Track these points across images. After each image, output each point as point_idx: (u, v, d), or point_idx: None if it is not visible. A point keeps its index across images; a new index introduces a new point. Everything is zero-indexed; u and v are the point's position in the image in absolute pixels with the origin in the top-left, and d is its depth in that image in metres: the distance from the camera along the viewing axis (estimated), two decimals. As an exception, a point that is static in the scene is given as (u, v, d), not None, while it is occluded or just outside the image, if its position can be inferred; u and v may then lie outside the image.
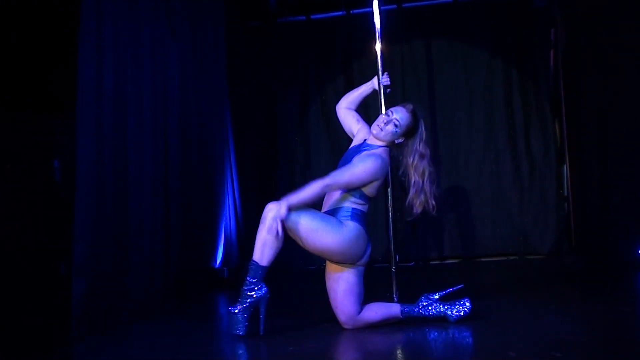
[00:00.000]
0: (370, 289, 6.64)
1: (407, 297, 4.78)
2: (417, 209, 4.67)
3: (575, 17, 7.58)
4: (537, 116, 8.38)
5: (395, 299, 4.83)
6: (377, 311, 4.54)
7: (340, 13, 8.81)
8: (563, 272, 6.96)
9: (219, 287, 7.20)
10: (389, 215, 4.95)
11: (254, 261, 4.30)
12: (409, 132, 4.65)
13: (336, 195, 4.62)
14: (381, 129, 4.63)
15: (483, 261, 8.20)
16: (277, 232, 4.31)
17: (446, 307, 4.50)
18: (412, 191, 4.67)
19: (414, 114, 4.65)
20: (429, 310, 4.51)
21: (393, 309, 4.56)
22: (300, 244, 4.46)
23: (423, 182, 4.63)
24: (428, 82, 8.61)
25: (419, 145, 4.64)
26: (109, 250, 5.34)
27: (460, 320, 4.46)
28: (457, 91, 8.52)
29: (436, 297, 4.56)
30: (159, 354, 4.25)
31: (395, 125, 4.59)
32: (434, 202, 4.64)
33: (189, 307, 6.06)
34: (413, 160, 4.64)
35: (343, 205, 4.56)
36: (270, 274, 4.32)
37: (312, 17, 8.88)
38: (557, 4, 7.99)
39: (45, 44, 6.23)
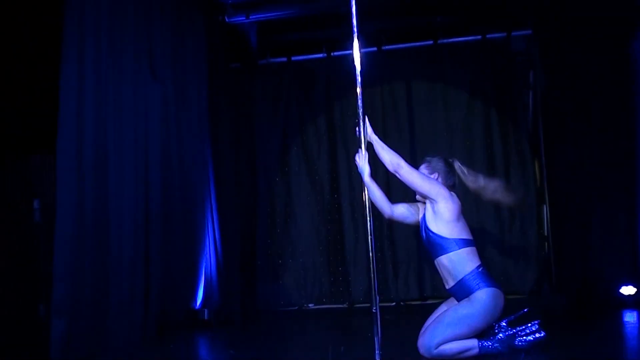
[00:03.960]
0: (351, 329, 6.63)
1: (389, 338, 4.75)
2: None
3: (553, 60, 7.67)
4: (516, 156, 8.42)
5: (376, 340, 4.79)
6: (453, 345, 4.48)
7: (321, 55, 8.87)
8: (544, 311, 6.96)
9: (200, 328, 7.14)
10: (370, 255, 4.92)
11: None
12: (437, 168, 4.99)
13: (445, 268, 4.63)
14: None
15: (464, 301, 8.17)
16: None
17: (521, 341, 4.49)
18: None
19: (432, 157, 5.15)
20: (506, 342, 4.49)
21: (469, 342, 4.50)
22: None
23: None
24: (408, 123, 8.65)
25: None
26: (88, 291, 5.31)
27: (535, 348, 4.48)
28: (437, 131, 8.56)
29: (512, 333, 4.53)
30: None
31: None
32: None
33: (169, 348, 6.00)
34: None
35: (463, 276, 4.54)
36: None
37: (293, 58, 8.93)
38: (536, 47, 8.08)
39: (26, 83, 6.23)
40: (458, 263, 4.52)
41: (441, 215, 4.58)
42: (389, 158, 4.71)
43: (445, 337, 4.45)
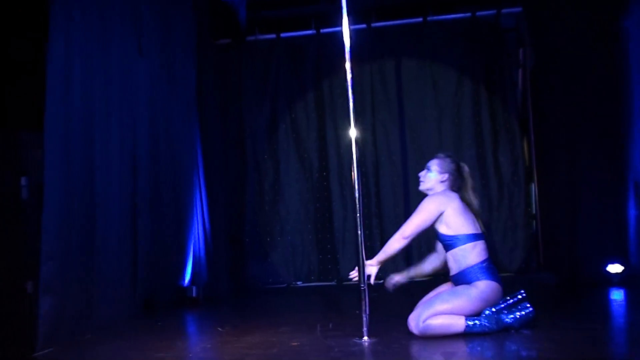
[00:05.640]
0: (339, 306, 6.64)
1: (377, 315, 4.76)
2: None
3: (543, 38, 7.67)
4: (505, 135, 8.43)
5: (365, 317, 4.80)
6: (439, 318, 4.59)
7: (310, 32, 8.85)
8: (532, 289, 6.99)
9: (187, 305, 7.16)
10: (358, 232, 4.93)
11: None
12: (448, 169, 4.97)
13: (451, 260, 4.81)
14: (421, 181, 5.04)
15: (452, 279, 8.21)
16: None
17: (510, 318, 4.58)
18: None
19: (446, 157, 5.05)
20: (493, 321, 4.56)
21: (456, 317, 4.59)
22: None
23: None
24: (397, 101, 8.64)
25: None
26: (76, 269, 5.30)
27: (525, 325, 4.57)
28: (426, 109, 8.56)
29: (497, 309, 4.62)
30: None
31: (428, 169, 5.00)
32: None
33: (156, 325, 6.01)
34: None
35: (465, 267, 4.71)
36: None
37: (282, 35, 8.90)
38: (525, 25, 8.07)
39: (13, 58, 6.18)
40: (462, 257, 4.71)
41: (442, 218, 4.80)
42: (397, 245, 4.86)
43: (435, 311, 4.55)
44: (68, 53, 5.30)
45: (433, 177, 4.98)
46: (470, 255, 4.69)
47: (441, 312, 4.55)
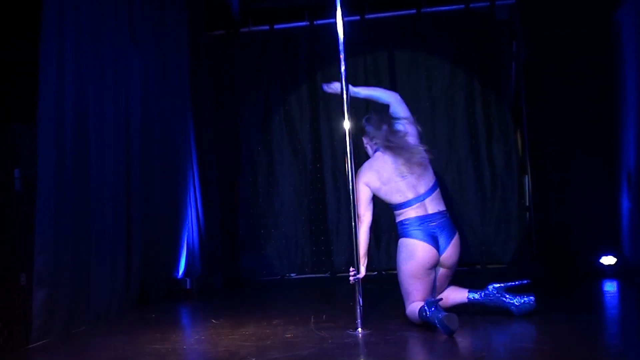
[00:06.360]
0: (333, 298, 6.65)
1: (370, 307, 4.77)
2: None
3: (536, 30, 7.67)
4: (499, 126, 8.43)
5: (358, 309, 4.81)
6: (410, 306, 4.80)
7: (303, 23, 8.82)
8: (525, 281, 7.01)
9: (181, 297, 7.16)
10: (352, 224, 4.94)
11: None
12: (366, 134, 5.20)
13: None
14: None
15: (446, 271, 8.22)
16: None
17: (511, 300, 4.80)
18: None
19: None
20: (495, 298, 4.83)
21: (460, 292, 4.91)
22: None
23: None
24: (391, 92, 8.62)
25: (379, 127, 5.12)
26: (70, 261, 5.30)
27: (523, 315, 4.74)
28: (419, 101, 8.53)
29: (502, 286, 4.88)
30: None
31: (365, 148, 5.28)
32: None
33: (151, 317, 6.01)
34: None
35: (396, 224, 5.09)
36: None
37: (275, 27, 8.87)
38: (519, 17, 8.07)
39: (4, 50, 6.15)
40: (396, 216, 5.04)
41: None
42: (364, 229, 5.03)
43: (405, 298, 4.87)
44: (61, 44, 5.29)
45: (369, 150, 5.21)
46: (399, 217, 4.98)
47: (407, 296, 4.85)
